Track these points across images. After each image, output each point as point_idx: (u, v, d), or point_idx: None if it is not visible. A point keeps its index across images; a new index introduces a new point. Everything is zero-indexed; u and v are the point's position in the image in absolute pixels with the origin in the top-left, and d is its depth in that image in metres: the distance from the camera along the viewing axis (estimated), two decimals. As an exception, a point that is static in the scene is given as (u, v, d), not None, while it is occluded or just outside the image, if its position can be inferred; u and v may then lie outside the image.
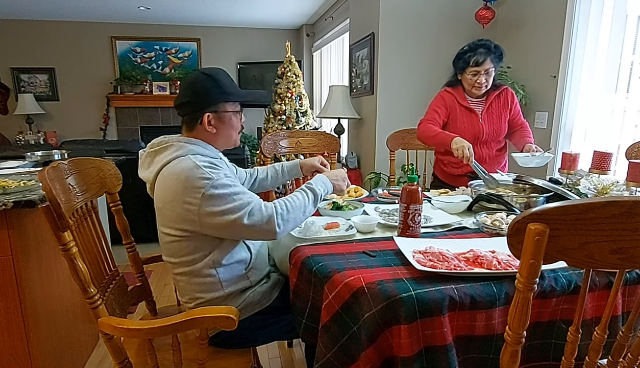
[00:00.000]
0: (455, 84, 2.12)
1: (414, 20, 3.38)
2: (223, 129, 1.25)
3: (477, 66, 1.95)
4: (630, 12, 2.38)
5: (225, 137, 1.27)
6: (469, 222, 1.43)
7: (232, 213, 1.08)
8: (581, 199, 0.63)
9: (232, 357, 1.23)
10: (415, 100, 3.42)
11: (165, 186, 1.13)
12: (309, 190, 1.24)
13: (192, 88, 1.21)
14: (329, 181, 1.32)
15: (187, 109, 1.22)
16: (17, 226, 1.45)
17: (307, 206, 1.20)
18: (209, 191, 1.07)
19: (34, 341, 1.52)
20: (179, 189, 1.09)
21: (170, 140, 1.19)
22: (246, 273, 1.26)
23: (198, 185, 1.08)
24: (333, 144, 2.30)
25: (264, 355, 2.03)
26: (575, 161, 1.68)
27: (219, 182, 1.09)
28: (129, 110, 6.16)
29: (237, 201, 1.09)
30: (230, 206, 1.09)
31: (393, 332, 0.90)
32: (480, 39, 2.00)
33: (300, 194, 1.21)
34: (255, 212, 1.10)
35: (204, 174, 1.09)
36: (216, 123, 1.22)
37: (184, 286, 1.23)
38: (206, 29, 6.20)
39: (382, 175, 3.54)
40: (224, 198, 1.09)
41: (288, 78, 4.49)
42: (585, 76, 2.60)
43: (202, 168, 1.10)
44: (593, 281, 1.01)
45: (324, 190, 1.28)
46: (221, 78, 1.22)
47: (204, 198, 1.07)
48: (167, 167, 1.14)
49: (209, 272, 1.19)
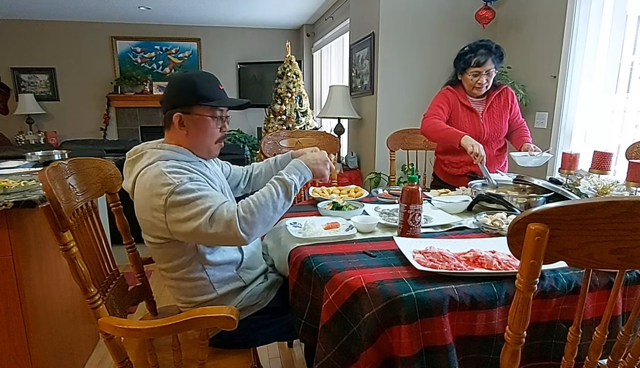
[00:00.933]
0: (455, 84, 2.12)
1: (414, 20, 3.38)
2: (195, 132, 1.20)
3: (479, 66, 1.95)
4: (630, 12, 2.38)
5: (198, 141, 1.21)
6: (469, 222, 1.43)
7: (194, 219, 1.03)
8: (581, 199, 0.63)
9: (232, 357, 1.23)
10: (415, 100, 3.42)
11: (137, 195, 1.12)
12: (277, 182, 1.14)
13: (168, 88, 1.22)
14: (304, 167, 1.21)
15: (163, 107, 1.22)
16: (17, 226, 1.45)
17: (276, 201, 1.10)
18: (170, 198, 1.04)
19: (34, 341, 1.52)
20: (146, 197, 1.08)
21: (144, 148, 1.19)
22: (237, 273, 1.25)
23: (160, 192, 1.05)
24: (333, 144, 2.30)
25: (264, 355, 2.03)
26: (575, 161, 1.68)
27: (181, 188, 1.05)
28: (129, 110, 6.16)
29: (198, 206, 1.04)
30: (192, 211, 1.04)
31: (393, 332, 0.90)
32: (481, 40, 2.00)
33: (267, 190, 1.12)
34: (216, 218, 1.04)
35: (167, 180, 1.06)
36: (188, 125, 1.19)
37: (177, 291, 1.24)
38: (206, 29, 6.21)
39: (382, 175, 3.54)
40: (187, 203, 1.04)
41: (288, 78, 4.49)
42: (585, 76, 2.60)
43: (166, 174, 1.07)
44: (593, 281, 1.01)
45: (299, 178, 1.17)
46: (199, 81, 1.19)
47: (167, 205, 1.05)
48: (139, 176, 1.13)
49: (199, 275, 1.19)
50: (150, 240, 1.17)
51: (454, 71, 2.11)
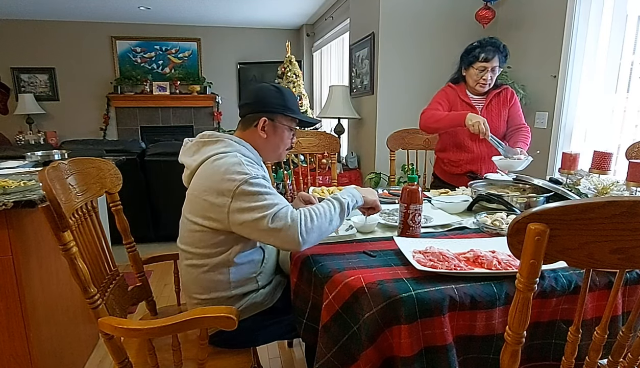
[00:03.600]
0: (458, 81, 2.14)
1: (414, 20, 3.38)
2: (273, 138, 1.29)
3: (486, 61, 1.98)
4: (630, 12, 2.38)
5: (273, 147, 1.31)
6: (469, 222, 1.43)
7: (258, 211, 1.08)
8: (581, 199, 0.63)
9: (232, 357, 1.23)
10: (415, 100, 3.42)
11: (207, 175, 1.15)
12: (334, 200, 1.19)
13: (258, 93, 1.28)
14: (358, 193, 1.26)
15: (247, 109, 1.28)
16: (17, 226, 1.45)
17: (332, 215, 1.15)
18: (242, 186, 1.09)
19: (34, 341, 1.52)
20: (216, 179, 1.11)
21: (221, 136, 1.23)
22: (256, 277, 1.26)
23: (235, 178, 1.09)
24: (333, 144, 2.30)
25: (264, 355, 2.03)
26: (575, 161, 1.68)
27: (256, 180, 1.10)
28: (129, 110, 6.16)
29: (267, 200, 1.09)
30: (259, 204, 1.08)
31: (393, 332, 0.90)
32: (491, 37, 2.04)
33: (325, 204, 1.18)
34: (281, 216, 1.08)
35: (243, 170, 1.11)
36: (269, 130, 1.27)
37: (193, 279, 1.23)
38: (206, 29, 6.21)
39: (382, 175, 3.54)
40: (256, 195, 1.09)
41: (288, 78, 4.50)
42: (585, 76, 2.60)
43: (244, 164, 1.13)
44: (593, 281, 1.01)
45: (352, 200, 1.22)
46: (286, 94, 1.29)
47: (238, 191, 1.09)
48: (212, 158, 1.16)
49: (222, 270, 1.20)
50: (197, 221, 1.17)
51: (458, 65, 2.13)
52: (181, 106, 6.27)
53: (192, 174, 1.20)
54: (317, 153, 2.31)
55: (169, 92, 6.11)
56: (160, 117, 6.29)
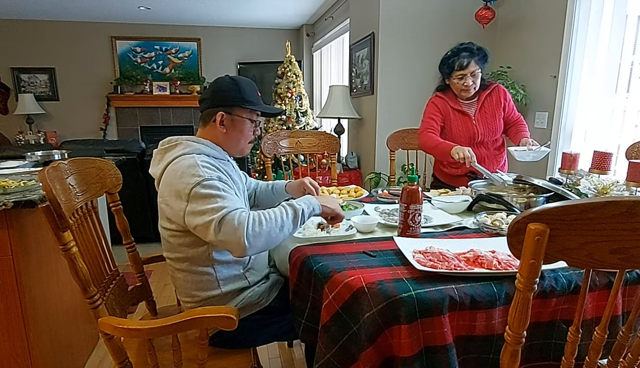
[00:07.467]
0: (445, 89, 2.14)
1: (414, 20, 3.38)
2: (233, 132, 1.27)
3: (462, 69, 1.97)
4: (630, 12, 2.38)
5: (234, 141, 1.29)
6: (469, 222, 1.43)
7: (209, 214, 1.05)
8: (581, 199, 0.63)
9: (232, 357, 1.23)
10: (415, 100, 3.42)
11: (167, 181, 1.15)
12: (288, 206, 1.15)
13: (214, 87, 1.27)
14: (315, 201, 1.21)
15: (204, 105, 1.27)
16: (17, 226, 1.45)
17: (284, 222, 1.10)
18: (195, 188, 1.08)
19: (34, 341, 1.52)
20: (174, 183, 1.12)
21: (179, 139, 1.23)
22: (244, 273, 1.26)
23: (189, 181, 1.09)
24: (333, 144, 2.30)
25: (264, 355, 2.03)
26: (575, 161, 1.68)
27: (208, 182, 1.09)
28: (129, 110, 6.16)
29: (217, 203, 1.06)
30: (208, 207, 1.06)
31: (393, 332, 0.90)
32: (462, 43, 2.02)
33: (277, 209, 1.14)
34: (228, 219, 1.04)
35: (198, 172, 1.10)
36: (227, 124, 1.26)
37: (181, 283, 1.24)
38: (206, 29, 6.20)
39: (382, 175, 3.54)
40: (207, 198, 1.07)
41: (288, 78, 4.49)
42: (585, 76, 2.60)
43: (199, 166, 1.12)
44: (593, 281, 1.01)
45: (308, 207, 1.17)
46: (243, 85, 1.26)
47: (191, 194, 1.08)
48: (171, 164, 1.17)
49: (206, 270, 1.21)
50: (167, 227, 1.19)
51: (441, 76, 2.12)
52: (181, 106, 6.27)
53: (159, 183, 1.20)
54: (317, 153, 2.31)
55: (169, 92, 6.11)
56: (160, 117, 6.29)
